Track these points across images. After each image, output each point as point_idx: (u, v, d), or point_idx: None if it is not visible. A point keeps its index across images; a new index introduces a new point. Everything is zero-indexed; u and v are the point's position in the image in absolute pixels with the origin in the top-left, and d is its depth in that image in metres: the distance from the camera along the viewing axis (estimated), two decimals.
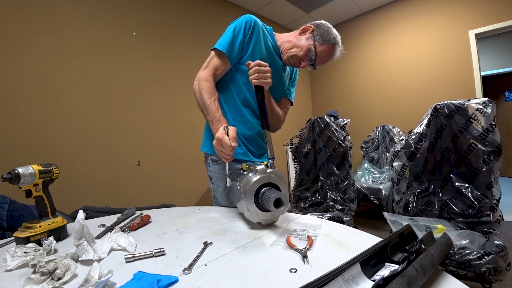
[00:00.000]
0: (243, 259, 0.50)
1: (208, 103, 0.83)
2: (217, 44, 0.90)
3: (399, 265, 0.37)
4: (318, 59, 0.93)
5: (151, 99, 2.41)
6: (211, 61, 0.90)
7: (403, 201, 1.53)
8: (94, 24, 2.09)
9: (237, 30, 0.90)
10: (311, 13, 3.63)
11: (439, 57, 3.11)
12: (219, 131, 0.70)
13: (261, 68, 0.76)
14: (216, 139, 0.70)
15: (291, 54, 0.95)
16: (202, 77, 0.88)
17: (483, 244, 1.16)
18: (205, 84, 0.86)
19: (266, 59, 0.89)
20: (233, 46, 0.89)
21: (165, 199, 2.39)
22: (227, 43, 0.89)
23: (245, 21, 0.90)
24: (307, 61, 0.94)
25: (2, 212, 1.19)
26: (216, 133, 0.71)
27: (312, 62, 0.93)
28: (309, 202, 2.11)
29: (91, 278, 0.41)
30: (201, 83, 0.87)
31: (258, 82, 0.76)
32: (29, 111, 1.76)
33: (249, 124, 0.96)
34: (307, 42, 0.93)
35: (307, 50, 0.93)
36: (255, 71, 0.76)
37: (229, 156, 0.70)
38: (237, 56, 0.91)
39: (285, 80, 1.04)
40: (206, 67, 0.90)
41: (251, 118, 0.97)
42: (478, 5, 2.83)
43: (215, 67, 0.90)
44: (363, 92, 3.80)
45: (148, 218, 0.77)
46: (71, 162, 1.91)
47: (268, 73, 0.77)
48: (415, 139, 1.48)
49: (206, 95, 0.84)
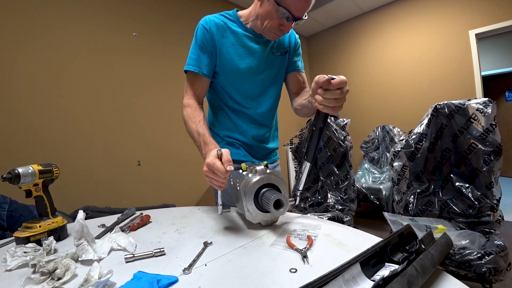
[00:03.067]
0: (243, 259, 0.50)
1: (193, 128, 0.76)
2: (186, 65, 0.85)
3: (399, 265, 0.37)
4: (293, 9, 0.73)
5: (151, 99, 2.41)
6: (187, 84, 0.86)
7: (403, 201, 1.53)
8: (94, 24, 2.09)
9: (198, 41, 0.84)
10: (311, 13, 3.63)
11: (439, 57, 3.11)
12: (209, 155, 0.60)
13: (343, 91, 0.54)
14: (206, 166, 0.59)
15: (266, 28, 0.80)
16: (184, 104, 0.84)
17: (484, 244, 1.16)
18: (187, 110, 0.81)
19: (242, 53, 0.84)
20: (200, 59, 0.83)
21: (165, 199, 2.39)
22: (193, 60, 0.83)
23: (202, 28, 0.83)
24: (286, 22, 0.76)
25: (2, 212, 1.19)
26: (206, 159, 0.61)
27: (291, 18, 0.75)
28: (309, 202, 2.11)
29: (91, 278, 0.41)
30: (184, 111, 0.82)
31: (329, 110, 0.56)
32: (29, 111, 1.76)
33: (244, 132, 0.92)
34: (269, 5, 0.76)
35: (275, 13, 0.75)
36: (336, 95, 0.54)
37: (223, 184, 0.60)
38: (210, 65, 0.85)
39: (278, 60, 0.91)
40: (185, 92, 0.86)
41: (244, 124, 0.91)
42: (478, 5, 2.83)
43: (193, 89, 0.85)
44: (363, 92, 3.80)
45: (148, 218, 0.77)
46: (71, 162, 1.91)
47: (345, 98, 0.56)
48: (415, 139, 1.48)
49: (190, 121, 0.78)
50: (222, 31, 0.84)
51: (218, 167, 0.57)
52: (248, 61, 0.86)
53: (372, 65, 3.71)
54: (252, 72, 0.87)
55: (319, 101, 0.56)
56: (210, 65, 0.85)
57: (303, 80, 0.96)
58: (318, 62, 4.34)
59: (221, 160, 0.59)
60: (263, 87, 0.92)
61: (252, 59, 0.87)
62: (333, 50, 4.14)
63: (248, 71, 0.86)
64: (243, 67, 0.86)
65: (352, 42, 3.90)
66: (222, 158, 0.59)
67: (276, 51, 0.90)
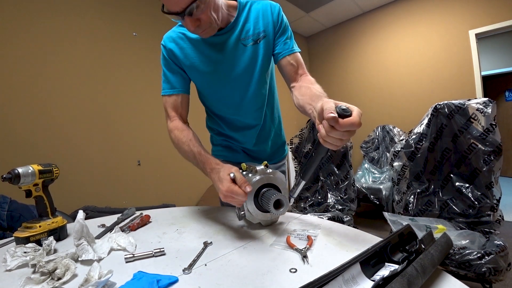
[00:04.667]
0: (243, 259, 0.50)
1: (186, 150, 0.72)
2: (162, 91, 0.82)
3: (399, 265, 0.37)
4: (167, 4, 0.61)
5: (151, 99, 2.41)
6: (165, 109, 0.81)
7: (403, 201, 1.53)
8: (94, 24, 2.09)
9: (163, 62, 0.82)
10: (311, 13, 3.63)
11: (439, 57, 3.11)
12: (223, 182, 0.57)
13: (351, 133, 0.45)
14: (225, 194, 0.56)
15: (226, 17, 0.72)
16: (170, 129, 0.78)
17: (484, 244, 1.16)
18: (174, 134, 0.76)
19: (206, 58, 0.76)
20: (169, 80, 0.80)
21: (165, 199, 2.39)
22: (165, 82, 0.81)
23: (162, 48, 0.81)
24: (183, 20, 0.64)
25: (2, 212, 1.19)
26: (219, 185, 0.58)
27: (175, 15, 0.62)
28: (309, 202, 2.11)
29: (91, 278, 0.41)
30: (172, 136, 0.77)
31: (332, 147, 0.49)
32: (29, 111, 1.76)
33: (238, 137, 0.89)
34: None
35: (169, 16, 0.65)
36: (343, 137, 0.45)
37: (243, 201, 0.58)
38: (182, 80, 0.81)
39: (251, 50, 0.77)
40: (167, 116, 0.81)
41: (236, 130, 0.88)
42: (478, 5, 2.82)
43: (173, 109, 0.80)
44: (363, 92, 3.80)
45: (148, 218, 0.77)
46: (71, 162, 1.91)
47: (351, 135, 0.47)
48: (415, 139, 1.48)
49: (180, 143, 0.73)
50: (180, 43, 0.78)
51: (237, 191, 0.55)
52: (215, 64, 0.78)
53: (372, 65, 3.71)
54: (224, 76, 0.79)
55: (322, 136, 0.47)
56: (182, 80, 0.81)
57: (297, 64, 0.78)
58: (318, 62, 4.34)
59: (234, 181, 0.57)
60: (243, 87, 0.80)
61: (219, 60, 0.77)
62: (333, 50, 4.14)
63: (219, 78, 0.79)
64: (211, 75, 0.79)
65: (352, 42, 3.90)
66: (237, 181, 0.57)
67: (248, 41, 0.76)
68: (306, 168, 0.59)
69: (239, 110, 0.83)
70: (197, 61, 0.77)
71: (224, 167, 0.61)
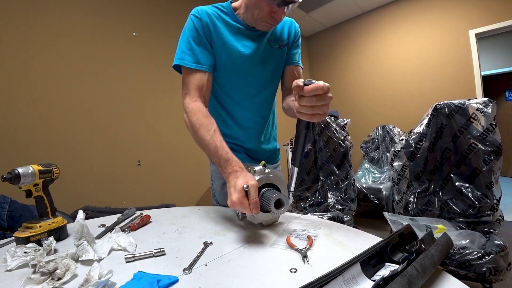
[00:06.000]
0: (243, 259, 0.50)
1: (207, 141, 0.65)
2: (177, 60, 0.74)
3: (399, 265, 0.37)
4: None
5: (151, 99, 2.41)
6: (187, 83, 0.73)
7: (403, 201, 1.53)
8: (94, 24, 2.09)
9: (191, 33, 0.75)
10: (311, 13, 3.63)
11: (439, 57, 3.11)
12: (236, 189, 0.54)
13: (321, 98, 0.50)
14: (233, 202, 0.54)
15: (258, 19, 0.73)
16: (189, 107, 0.71)
17: (484, 244, 1.16)
18: (196, 116, 0.69)
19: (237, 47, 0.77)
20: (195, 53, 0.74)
21: (165, 199, 2.39)
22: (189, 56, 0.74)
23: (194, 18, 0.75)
24: (276, 7, 0.69)
25: (2, 212, 1.19)
26: (232, 192, 0.55)
27: (282, 2, 0.68)
28: (309, 202, 2.11)
29: (91, 278, 0.41)
30: (190, 116, 0.70)
31: (308, 118, 0.53)
32: (29, 111, 1.76)
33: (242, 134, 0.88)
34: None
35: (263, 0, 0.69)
36: (312, 103, 0.50)
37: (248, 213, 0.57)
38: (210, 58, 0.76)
39: (276, 54, 0.84)
40: (187, 92, 0.73)
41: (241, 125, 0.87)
42: (478, 5, 2.83)
43: (196, 88, 0.73)
44: (363, 92, 3.81)
45: (148, 218, 0.77)
46: (71, 162, 1.91)
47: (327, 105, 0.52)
48: (415, 139, 1.48)
49: (202, 131, 0.67)
50: (215, 21, 0.77)
51: (245, 207, 0.53)
52: (244, 55, 0.79)
53: (372, 64, 3.71)
54: (249, 67, 0.80)
55: (296, 107, 0.53)
56: (210, 58, 0.76)
57: (298, 75, 0.88)
58: (318, 62, 4.34)
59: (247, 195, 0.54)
60: (262, 83, 0.85)
61: (248, 53, 0.79)
62: (333, 50, 4.14)
63: (245, 66, 0.80)
64: (239, 61, 0.79)
65: (352, 42, 3.90)
66: (249, 196, 0.54)
67: (274, 43, 0.83)
68: (294, 152, 0.60)
69: (252, 104, 0.86)
70: (229, 43, 0.77)
71: (243, 174, 0.59)
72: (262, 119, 0.90)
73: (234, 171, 0.60)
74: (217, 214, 0.80)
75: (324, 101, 0.50)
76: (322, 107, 0.51)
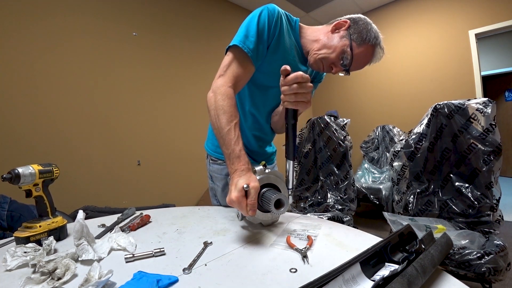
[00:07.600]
0: (243, 259, 0.50)
1: (226, 130, 0.64)
2: (238, 41, 0.69)
3: (399, 265, 0.37)
4: (354, 63, 0.74)
5: (151, 99, 2.41)
6: (230, 66, 0.70)
7: (403, 201, 1.53)
8: (95, 24, 2.09)
9: (260, 24, 0.70)
10: (311, 13, 3.63)
11: (439, 57, 3.11)
12: (236, 188, 0.54)
13: (302, 86, 0.56)
14: (231, 200, 0.55)
15: (320, 56, 0.75)
16: (220, 89, 0.68)
17: (483, 244, 1.16)
18: (224, 101, 0.66)
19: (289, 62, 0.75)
20: (258, 45, 0.71)
21: (165, 199, 2.39)
22: (252, 42, 0.69)
23: (274, 14, 0.72)
24: (340, 66, 0.75)
25: (2, 212, 1.19)
26: (232, 189, 0.55)
27: (346, 67, 0.74)
28: (309, 202, 2.11)
29: (91, 278, 0.41)
30: (218, 98, 0.66)
31: (293, 106, 0.58)
32: (29, 111, 1.76)
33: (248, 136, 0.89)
34: (341, 41, 0.73)
35: (340, 52, 0.73)
36: (293, 90, 0.56)
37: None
38: (261, 56, 0.73)
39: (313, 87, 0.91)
40: (224, 74, 0.70)
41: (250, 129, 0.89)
42: (478, 5, 2.83)
43: (236, 76, 0.70)
44: (363, 92, 3.81)
45: (148, 218, 0.77)
46: (71, 162, 1.91)
47: (309, 93, 0.58)
48: (415, 139, 1.48)
49: (224, 118, 0.65)
50: (285, 28, 0.75)
51: (243, 207, 0.54)
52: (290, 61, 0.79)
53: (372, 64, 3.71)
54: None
55: (281, 96, 0.60)
56: (262, 58, 0.74)
57: None
58: None
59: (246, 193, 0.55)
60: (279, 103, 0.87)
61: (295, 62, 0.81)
62: None
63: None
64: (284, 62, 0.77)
65: None
66: (248, 197, 0.54)
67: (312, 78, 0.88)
68: (286, 145, 0.63)
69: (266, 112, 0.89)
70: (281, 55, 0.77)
71: (248, 175, 0.59)
72: (268, 125, 0.94)
73: (241, 169, 0.60)
74: (217, 214, 0.81)
75: (305, 89, 0.57)
76: (305, 94, 0.57)
